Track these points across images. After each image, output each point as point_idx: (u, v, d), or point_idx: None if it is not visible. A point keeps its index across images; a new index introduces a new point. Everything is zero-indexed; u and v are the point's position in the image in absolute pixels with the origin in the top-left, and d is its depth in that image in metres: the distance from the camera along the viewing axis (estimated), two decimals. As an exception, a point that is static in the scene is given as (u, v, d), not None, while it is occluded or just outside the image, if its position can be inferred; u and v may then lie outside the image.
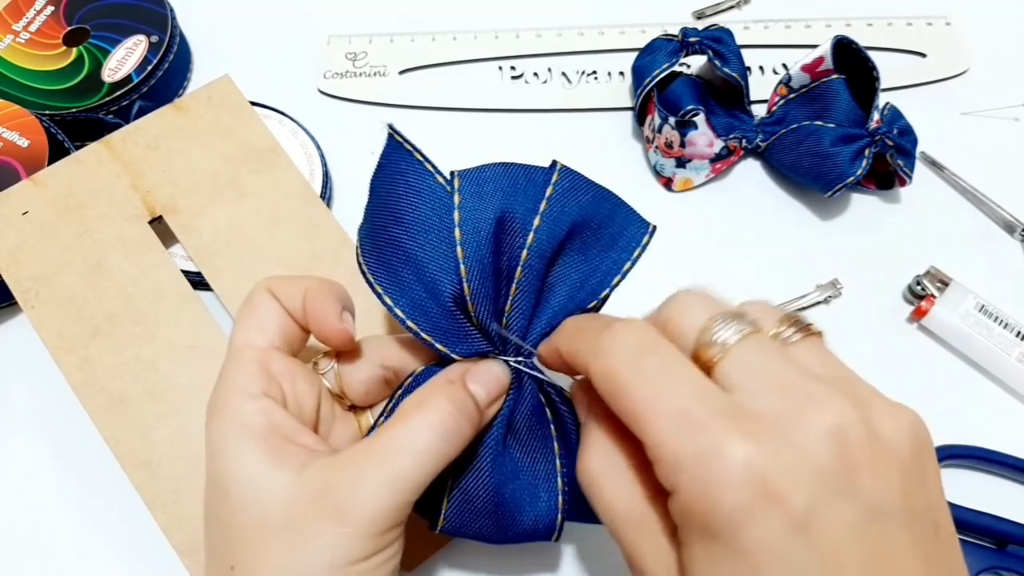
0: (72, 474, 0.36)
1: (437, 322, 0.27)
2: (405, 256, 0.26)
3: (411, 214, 0.26)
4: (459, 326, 0.27)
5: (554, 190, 0.27)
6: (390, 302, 0.26)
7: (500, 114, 0.47)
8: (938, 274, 0.41)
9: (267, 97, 0.44)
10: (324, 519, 0.23)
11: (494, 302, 0.27)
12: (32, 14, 0.45)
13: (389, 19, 0.50)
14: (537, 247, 0.26)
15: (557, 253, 0.27)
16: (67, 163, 0.38)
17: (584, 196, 0.27)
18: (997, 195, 0.44)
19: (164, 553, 0.33)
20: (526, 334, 0.28)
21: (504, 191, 0.26)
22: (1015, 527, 0.35)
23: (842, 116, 0.42)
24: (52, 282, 0.36)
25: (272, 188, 0.39)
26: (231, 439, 0.25)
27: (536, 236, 0.26)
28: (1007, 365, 0.39)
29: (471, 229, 0.26)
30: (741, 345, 0.21)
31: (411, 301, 0.26)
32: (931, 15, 0.51)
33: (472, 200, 0.26)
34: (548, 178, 0.27)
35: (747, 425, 0.20)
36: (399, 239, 0.26)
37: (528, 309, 0.27)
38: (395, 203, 0.27)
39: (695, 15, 0.51)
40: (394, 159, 0.27)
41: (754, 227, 0.44)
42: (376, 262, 0.27)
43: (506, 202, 0.26)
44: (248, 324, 0.27)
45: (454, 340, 0.27)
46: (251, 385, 0.26)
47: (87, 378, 0.35)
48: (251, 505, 0.24)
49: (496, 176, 0.26)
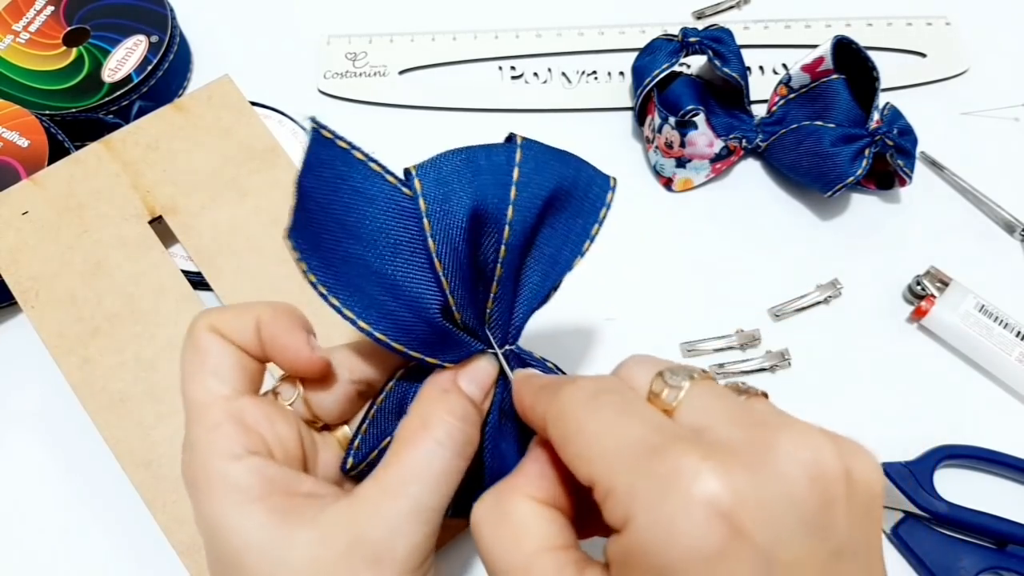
0: (72, 474, 0.36)
1: (424, 337, 0.25)
2: (375, 276, 0.24)
3: (370, 227, 0.24)
4: (448, 336, 0.25)
5: (520, 172, 0.24)
6: (367, 327, 0.24)
7: (500, 114, 0.47)
8: (938, 274, 0.41)
9: (267, 97, 0.44)
10: (362, 569, 0.22)
11: (476, 303, 0.26)
12: (32, 14, 0.45)
13: (389, 19, 0.50)
14: (513, 239, 0.24)
15: (531, 234, 0.26)
16: (67, 163, 0.38)
17: (549, 168, 0.25)
18: (997, 195, 0.44)
19: (164, 553, 0.33)
20: (508, 321, 0.27)
21: (471, 184, 0.24)
22: (1015, 527, 0.35)
23: (842, 116, 0.42)
24: (52, 282, 0.36)
25: (272, 188, 0.39)
26: (229, 511, 0.22)
27: (511, 229, 0.24)
28: (1007, 365, 0.39)
29: (444, 237, 0.23)
30: (696, 386, 0.20)
31: (392, 323, 0.24)
32: (931, 15, 0.51)
33: (439, 203, 0.23)
34: (511, 158, 0.24)
35: (714, 453, 0.18)
36: (362, 257, 0.24)
37: (509, 298, 0.26)
38: (344, 214, 0.24)
39: (695, 15, 0.51)
40: (326, 159, 0.24)
41: (754, 227, 0.44)
42: (338, 284, 0.24)
43: (475, 196, 0.24)
44: (201, 373, 0.24)
45: (444, 350, 0.26)
46: (231, 446, 0.23)
47: (87, 378, 0.35)
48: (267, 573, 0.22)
49: (458, 169, 0.24)
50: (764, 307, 0.41)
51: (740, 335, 0.40)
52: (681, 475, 0.17)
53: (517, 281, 0.26)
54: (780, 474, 0.18)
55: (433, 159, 0.24)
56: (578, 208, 0.26)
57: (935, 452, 0.37)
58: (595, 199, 0.26)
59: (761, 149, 0.44)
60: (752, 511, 0.17)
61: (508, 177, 0.24)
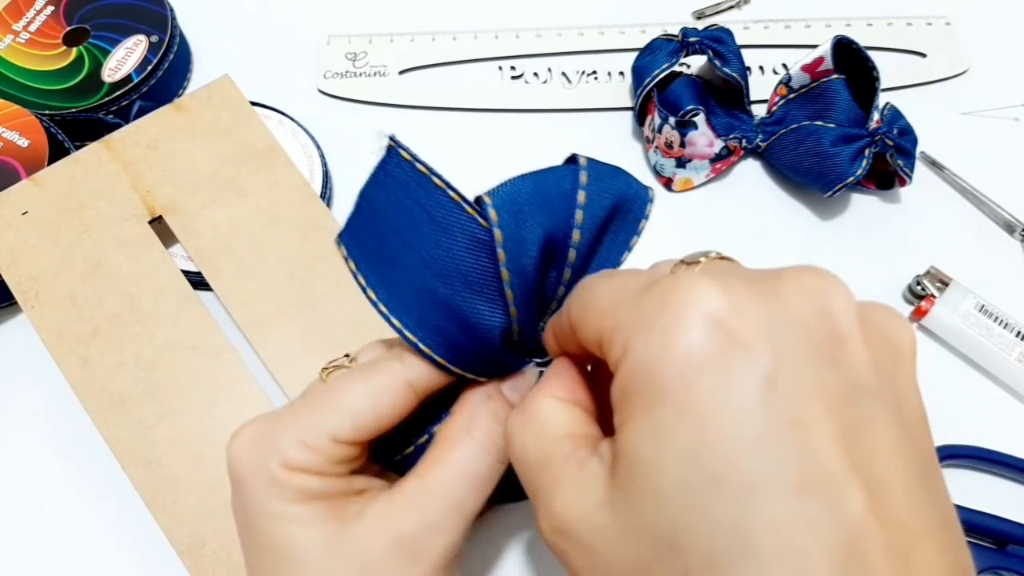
0: (72, 474, 0.36)
1: (480, 362, 0.25)
2: (442, 305, 0.24)
3: (443, 257, 0.23)
4: (502, 359, 0.25)
5: (586, 195, 0.24)
6: (428, 351, 0.24)
7: (500, 114, 0.47)
8: (938, 274, 0.41)
9: (267, 97, 0.44)
10: (400, 564, 0.23)
11: (535, 323, 0.26)
12: (32, 14, 0.45)
13: (389, 19, 0.50)
14: (578, 261, 0.25)
15: (592, 253, 0.26)
16: (67, 163, 0.38)
17: (608, 187, 0.25)
18: (997, 195, 0.44)
19: (164, 553, 0.33)
20: None
21: (542, 213, 0.24)
22: (1015, 527, 0.35)
23: (842, 116, 0.42)
24: (52, 282, 0.36)
25: (272, 188, 0.39)
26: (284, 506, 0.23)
27: (576, 252, 0.24)
28: (1007, 365, 0.39)
29: (517, 267, 0.23)
30: (714, 260, 0.19)
31: (452, 349, 0.24)
32: (931, 15, 0.51)
33: (513, 233, 0.23)
34: (576, 182, 0.24)
35: (719, 278, 0.17)
36: (431, 285, 0.24)
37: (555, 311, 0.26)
38: (417, 239, 0.23)
39: (695, 15, 0.51)
40: (401, 179, 0.24)
41: (754, 227, 0.44)
42: (401, 308, 0.24)
43: (546, 226, 0.24)
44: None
45: (494, 370, 0.26)
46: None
47: (87, 378, 0.35)
48: (321, 568, 0.23)
49: (530, 198, 0.24)
50: (764, 307, 0.41)
51: (740, 335, 0.40)
52: (677, 290, 0.17)
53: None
54: (783, 297, 0.17)
55: (505, 187, 0.24)
56: (623, 221, 0.26)
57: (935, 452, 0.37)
58: (637, 212, 0.26)
59: (761, 149, 0.44)
60: (751, 324, 0.16)
61: (574, 200, 0.24)
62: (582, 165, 0.24)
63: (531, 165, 0.26)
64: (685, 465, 0.16)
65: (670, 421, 0.16)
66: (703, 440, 0.16)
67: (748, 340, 0.16)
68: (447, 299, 0.24)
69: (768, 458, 0.15)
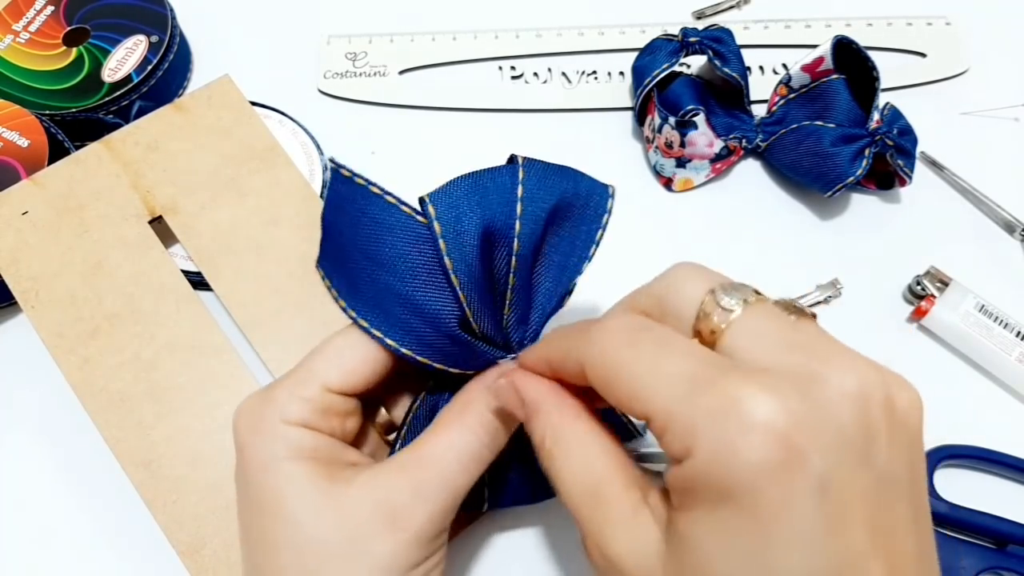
0: (72, 474, 0.36)
1: (445, 350, 0.27)
2: (398, 298, 0.26)
3: (390, 254, 0.26)
4: (468, 347, 0.27)
5: (524, 188, 0.26)
6: (394, 344, 0.26)
7: (500, 114, 0.47)
8: (938, 274, 0.41)
9: (267, 97, 0.44)
10: (382, 528, 0.24)
11: (494, 313, 0.27)
12: (32, 14, 0.45)
13: (389, 19, 0.50)
14: (522, 250, 0.26)
15: (539, 245, 0.27)
16: (67, 163, 0.38)
17: (551, 183, 0.27)
18: (997, 195, 0.44)
19: (164, 553, 0.33)
20: (525, 327, 0.28)
21: (479, 204, 0.26)
22: (1015, 527, 0.35)
23: (842, 116, 0.42)
24: (52, 282, 0.36)
25: (272, 188, 0.39)
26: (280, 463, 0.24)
27: (520, 242, 0.26)
28: (1007, 365, 0.39)
29: (459, 255, 0.25)
30: (749, 311, 0.21)
31: (416, 339, 0.26)
32: (931, 15, 0.51)
33: (452, 225, 0.25)
34: (515, 177, 0.26)
35: (765, 380, 0.19)
36: (385, 281, 0.26)
37: (523, 305, 0.28)
38: (366, 243, 0.26)
39: (695, 15, 0.51)
40: (347, 195, 0.27)
41: (754, 227, 0.44)
42: (366, 307, 0.26)
43: (484, 216, 0.26)
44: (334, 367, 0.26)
45: (466, 361, 0.28)
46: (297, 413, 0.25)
47: (87, 378, 0.35)
48: (307, 524, 0.24)
49: (467, 192, 0.26)
50: (764, 307, 0.41)
51: (740, 335, 0.40)
52: (738, 403, 0.18)
53: (530, 289, 0.28)
54: (829, 401, 0.19)
55: (444, 186, 0.26)
56: (581, 216, 0.28)
57: (935, 452, 0.37)
58: (596, 207, 0.28)
59: (761, 149, 0.44)
60: (807, 434, 0.18)
61: (513, 194, 0.26)
62: (519, 163, 0.27)
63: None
64: (744, 561, 0.18)
65: (735, 523, 0.18)
66: (766, 541, 0.18)
67: (804, 449, 0.18)
68: (403, 293, 0.26)
69: (817, 553, 0.18)
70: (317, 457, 0.25)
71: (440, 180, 0.26)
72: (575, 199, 0.28)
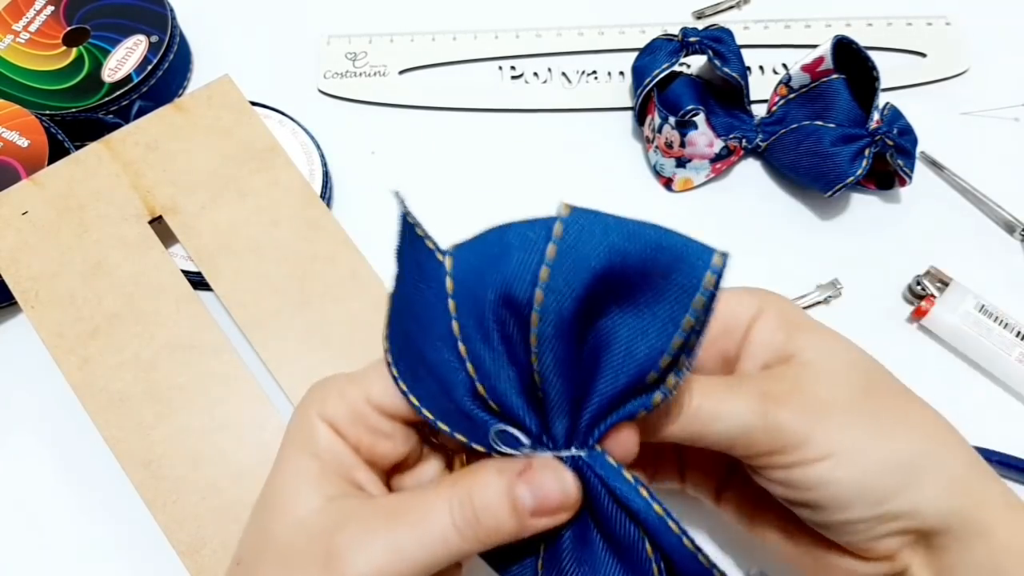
0: (72, 474, 0.36)
1: (461, 422, 0.23)
2: (423, 359, 0.23)
3: (423, 307, 0.23)
4: (479, 421, 0.23)
5: (557, 249, 0.20)
6: (416, 402, 0.23)
7: (500, 114, 0.47)
8: (938, 274, 0.41)
9: (267, 97, 0.44)
10: (317, 562, 0.22)
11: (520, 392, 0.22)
12: (32, 14, 0.45)
13: (389, 19, 0.50)
14: (544, 328, 0.21)
15: (579, 322, 0.21)
16: (67, 163, 0.38)
17: (600, 241, 0.21)
18: (997, 195, 0.44)
19: (164, 553, 0.33)
20: (575, 423, 0.23)
21: (497, 263, 0.21)
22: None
23: (842, 116, 0.42)
24: (52, 282, 0.36)
25: (272, 188, 0.39)
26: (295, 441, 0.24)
27: (540, 315, 0.21)
28: (1007, 365, 0.39)
29: (470, 322, 0.22)
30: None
31: (436, 405, 0.23)
32: (931, 15, 0.51)
33: (467, 284, 0.22)
34: (548, 233, 0.20)
35: None
36: (413, 335, 0.23)
37: (566, 396, 0.22)
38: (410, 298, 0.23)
39: (695, 15, 0.51)
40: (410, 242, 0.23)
41: (754, 227, 0.44)
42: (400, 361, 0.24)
43: (503, 278, 0.21)
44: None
45: (479, 435, 0.23)
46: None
47: (87, 378, 0.35)
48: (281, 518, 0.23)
49: (489, 248, 0.21)
50: (764, 307, 0.41)
51: (740, 335, 0.40)
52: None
53: (581, 371, 0.22)
54: None
55: (473, 236, 0.22)
56: (657, 291, 0.21)
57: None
58: (684, 280, 0.21)
59: (761, 149, 0.44)
60: None
61: (539, 255, 0.21)
62: (561, 214, 0.20)
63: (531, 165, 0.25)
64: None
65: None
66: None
67: None
68: (424, 348, 0.23)
69: None
70: (325, 461, 0.24)
71: (439, 180, 0.25)
72: (646, 265, 0.21)
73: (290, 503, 0.24)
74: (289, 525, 0.23)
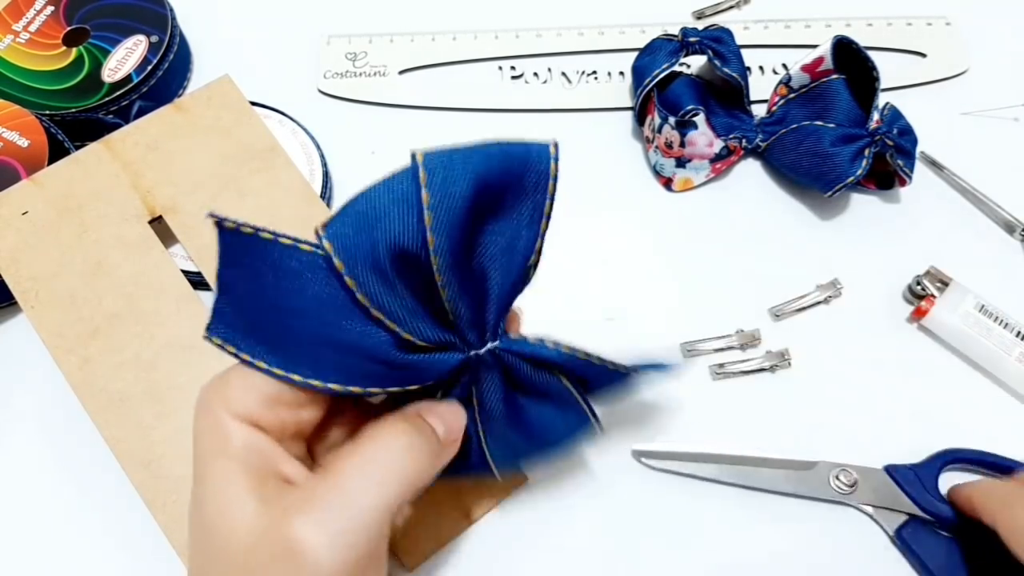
0: (72, 474, 0.36)
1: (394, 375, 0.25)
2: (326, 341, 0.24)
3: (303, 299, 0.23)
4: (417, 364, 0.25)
5: (429, 194, 0.22)
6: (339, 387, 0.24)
7: (500, 114, 0.47)
8: (938, 274, 0.41)
9: (267, 97, 0.44)
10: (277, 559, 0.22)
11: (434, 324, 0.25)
12: (32, 14, 0.45)
13: (389, 19, 0.50)
14: (445, 259, 0.23)
15: (467, 242, 0.24)
16: (67, 163, 0.38)
17: (463, 171, 0.23)
18: (997, 195, 0.44)
19: (164, 553, 0.33)
20: (482, 321, 0.26)
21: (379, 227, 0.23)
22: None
23: (842, 116, 0.42)
24: (52, 282, 0.36)
25: (272, 188, 0.39)
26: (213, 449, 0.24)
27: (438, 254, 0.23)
28: (1007, 365, 0.39)
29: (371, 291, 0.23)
30: None
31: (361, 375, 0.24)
32: (931, 15, 0.51)
33: (355, 258, 0.23)
34: (416, 181, 0.22)
35: None
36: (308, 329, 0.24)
37: (472, 303, 0.25)
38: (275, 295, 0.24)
39: (695, 15, 0.51)
40: (239, 248, 0.24)
41: (754, 227, 0.44)
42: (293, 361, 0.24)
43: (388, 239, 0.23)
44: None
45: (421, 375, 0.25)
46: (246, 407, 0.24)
47: (87, 378, 0.35)
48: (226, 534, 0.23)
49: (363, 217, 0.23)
50: (764, 307, 0.41)
51: (740, 335, 0.40)
52: None
53: (477, 283, 0.25)
54: None
55: (337, 214, 0.23)
56: (519, 191, 0.24)
57: (940, 456, 0.37)
58: (537, 176, 0.24)
59: (761, 149, 0.44)
60: None
61: (417, 206, 0.22)
62: (418, 162, 0.22)
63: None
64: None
65: None
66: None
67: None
68: (328, 335, 0.24)
69: None
70: (248, 462, 0.23)
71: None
72: (506, 175, 0.24)
73: (227, 515, 0.23)
74: (236, 537, 0.22)
